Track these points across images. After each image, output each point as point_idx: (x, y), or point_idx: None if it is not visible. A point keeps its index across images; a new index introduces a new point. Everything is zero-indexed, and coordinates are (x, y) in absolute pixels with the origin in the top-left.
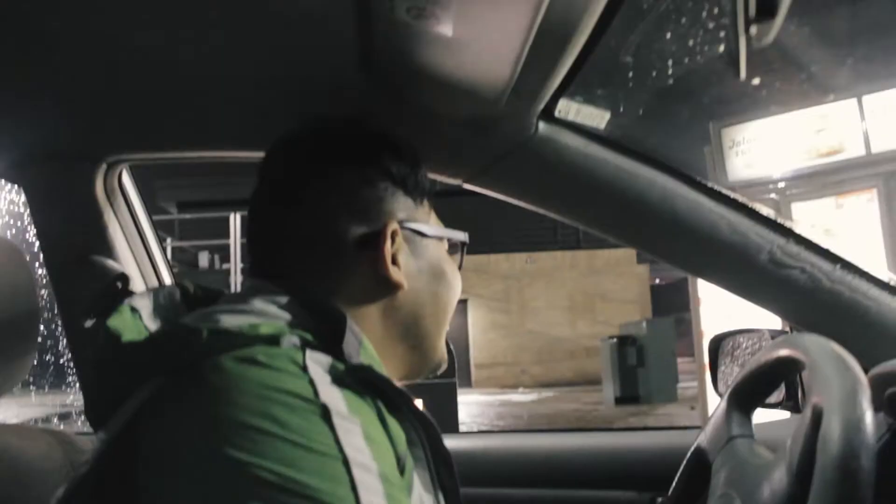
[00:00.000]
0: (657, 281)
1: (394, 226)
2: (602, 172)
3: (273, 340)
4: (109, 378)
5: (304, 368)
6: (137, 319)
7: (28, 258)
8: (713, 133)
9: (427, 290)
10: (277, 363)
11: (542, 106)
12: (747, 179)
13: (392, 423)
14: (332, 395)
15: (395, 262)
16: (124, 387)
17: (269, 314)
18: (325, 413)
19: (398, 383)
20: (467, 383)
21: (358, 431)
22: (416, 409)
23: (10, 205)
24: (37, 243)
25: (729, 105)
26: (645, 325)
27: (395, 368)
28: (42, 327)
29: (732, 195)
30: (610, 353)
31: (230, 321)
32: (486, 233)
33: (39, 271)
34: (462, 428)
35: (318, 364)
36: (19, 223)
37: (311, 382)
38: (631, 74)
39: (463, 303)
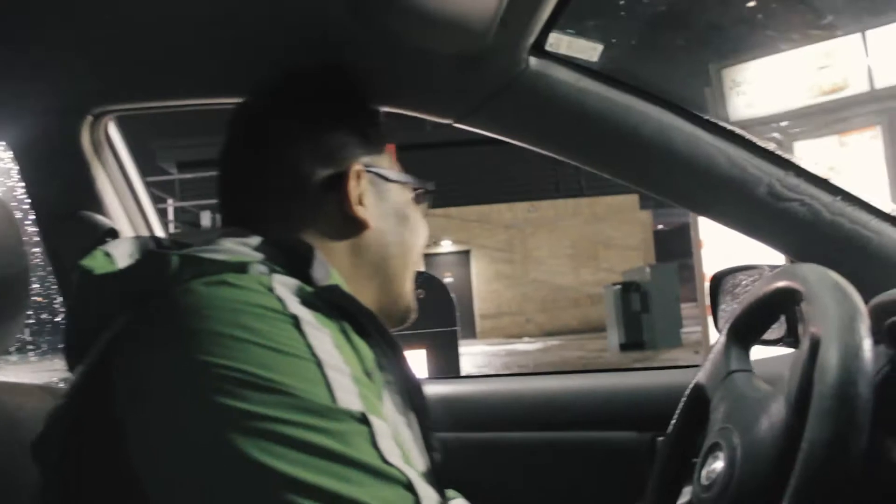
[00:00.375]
0: (660, 227)
1: (358, 167)
2: (596, 107)
3: (241, 268)
4: (83, 314)
5: (272, 289)
6: (110, 260)
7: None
8: (713, 73)
9: (392, 232)
10: (246, 283)
11: (532, 39)
12: (749, 119)
13: (358, 342)
14: (300, 310)
15: (363, 203)
16: (98, 322)
17: (239, 252)
18: (296, 321)
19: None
20: (472, 334)
21: (328, 340)
22: (384, 330)
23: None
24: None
25: (729, 36)
26: (648, 271)
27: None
28: (40, 286)
29: (729, 127)
30: (614, 299)
31: (203, 254)
32: (487, 183)
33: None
34: None
35: (284, 286)
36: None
37: (280, 299)
38: (624, 3)
39: (466, 254)
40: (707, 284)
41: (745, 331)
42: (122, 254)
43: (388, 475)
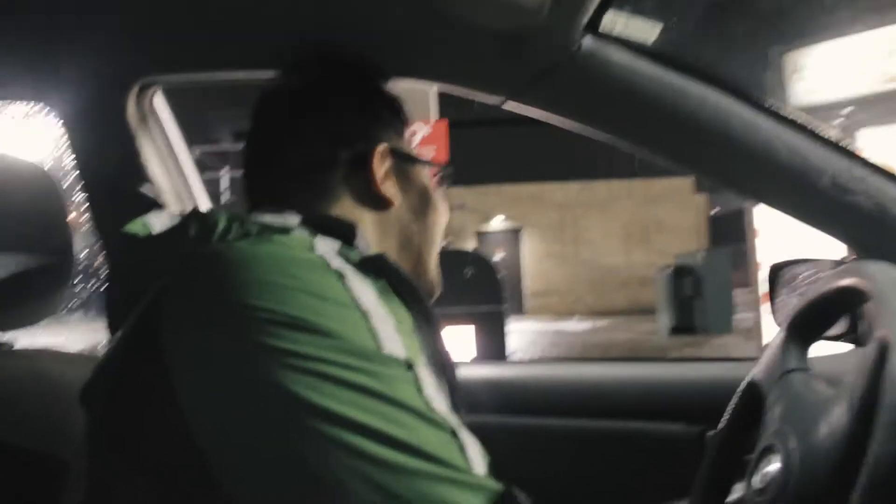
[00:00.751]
0: (715, 211)
1: (383, 147)
2: (651, 90)
3: (284, 231)
4: (128, 277)
5: (314, 247)
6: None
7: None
8: (775, 57)
9: (416, 210)
10: (290, 242)
11: (586, 18)
12: (809, 105)
13: (398, 307)
14: (344, 266)
15: (388, 181)
16: (143, 283)
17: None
18: (340, 275)
19: None
20: (521, 312)
21: (371, 294)
22: (424, 303)
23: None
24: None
25: (792, 18)
26: (701, 256)
27: None
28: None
29: (790, 115)
30: (665, 283)
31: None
32: (540, 161)
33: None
34: (516, 356)
35: (328, 247)
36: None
37: (323, 256)
38: None
39: (517, 231)
40: (761, 272)
41: (806, 328)
42: (162, 223)
43: (433, 420)
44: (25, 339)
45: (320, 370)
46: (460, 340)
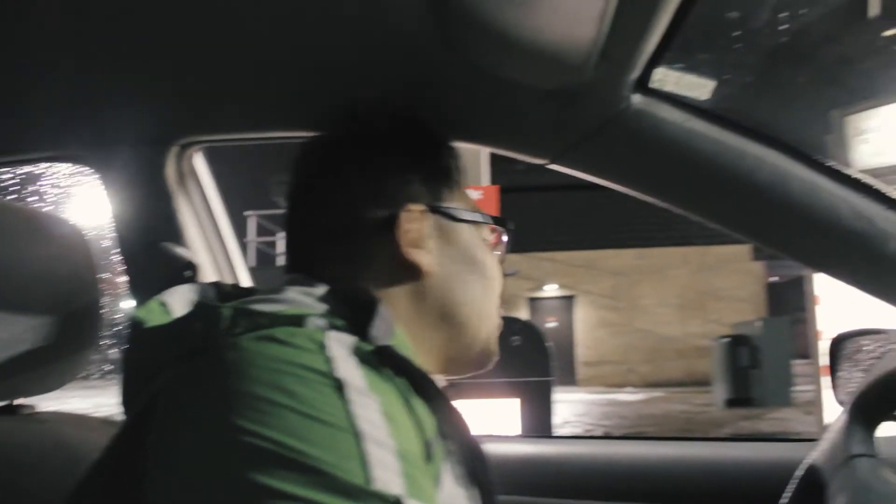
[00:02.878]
0: (773, 279)
1: (416, 208)
2: (705, 150)
3: (297, 321)
4: (133, 366)
5: (323, 346)
6: (165, 311)
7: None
8: (836, 121)
9: (460, 277)
10: (296, 341)
11: (635, 75)
12: (877, 168)
13: (420, 407)
14: (350, 372)
15: (421, 246)
16: (148, 374)
17: (301, 303)
18: (339, 386)
19: (439, 378)
20: (573, 382)
21: (376, 408)
22: (444, 396)
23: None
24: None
25: (853, 76)
26: (759, 325)
27: (431, 359)
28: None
29: (855, 175)
30: (722, 353)
31: (258, 307)
32: (594, 227)
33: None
34: (566, 428)
35: (339, 343)
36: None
37: (328, 360)
38: (739, 34)
39: (570, 299)
40: (821, 342)
41: (872, 409)
42: (179, 303)
43: None
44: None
45: None
46: (504, 414)
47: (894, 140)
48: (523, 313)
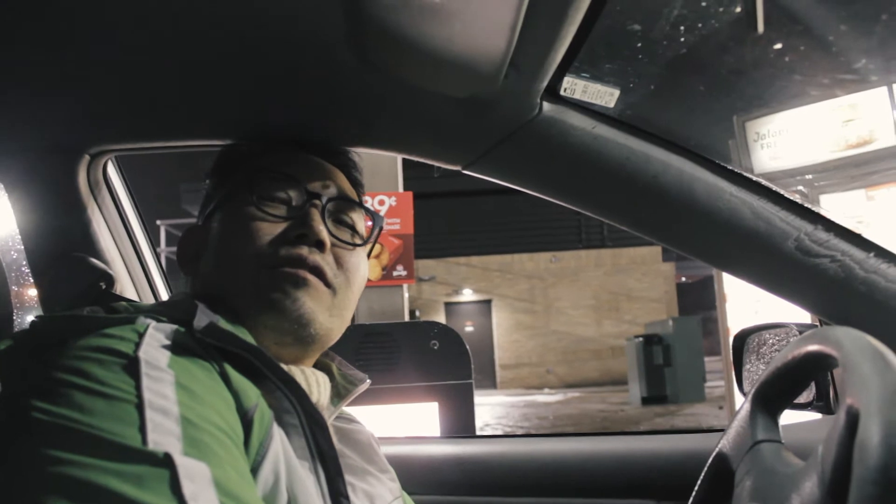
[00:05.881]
0: (683, 279)
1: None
2: (612, 155)
3: (128, 321)
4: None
5: (141, 335)
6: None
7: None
8: (737, 126)
9: (215, 258)
10: (117, 332)
11: (544, 83)
12: (773, 172)
13: (240, 380)
14: (152, 353)
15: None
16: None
17: (141, 308)
18: (134, 364)
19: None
20: (492, 384)
21: (170, 381)
22: (281, 372)
23: None
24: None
25: (752, 84)
26: (671, 324)
27: (262, 337)
28: None
29: (754, 178)
30: (636, 352)
31: (102, 314)
32: (509, 232)
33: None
34: (486, 431)
35: (159, 331)
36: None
37: (138, 344)
38: (641, 45)
39: (487, 303)
40: (732, 339)
41: (773, 397)
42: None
43: None
44: None
45: (70, 474)
46: (422, 418)
47: (791, 145)
48: (441, 318)
